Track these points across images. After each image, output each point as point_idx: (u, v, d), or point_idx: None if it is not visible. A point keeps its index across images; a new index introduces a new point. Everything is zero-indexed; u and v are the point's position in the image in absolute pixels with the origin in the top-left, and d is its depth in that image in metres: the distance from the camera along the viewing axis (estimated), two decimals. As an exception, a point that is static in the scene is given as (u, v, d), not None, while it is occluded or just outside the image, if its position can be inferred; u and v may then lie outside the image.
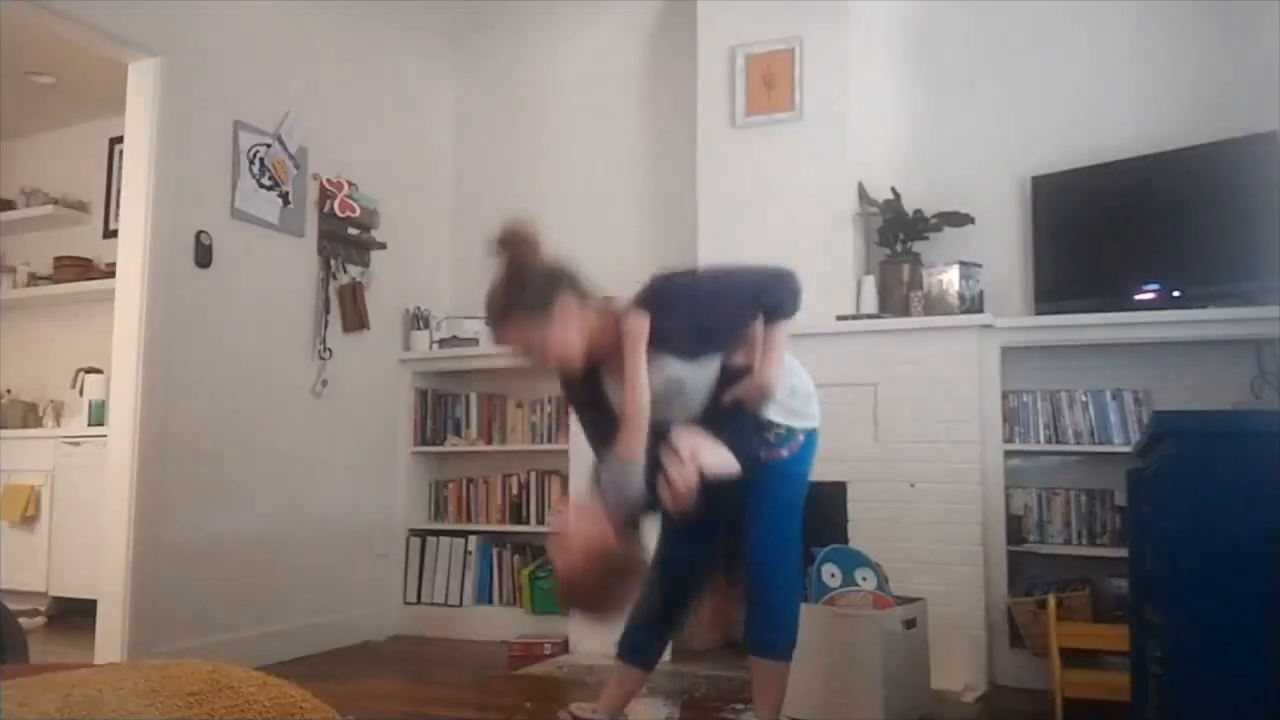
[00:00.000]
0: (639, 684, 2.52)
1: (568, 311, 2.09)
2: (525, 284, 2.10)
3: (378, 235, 4.41)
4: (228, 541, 3.64)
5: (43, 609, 4.73)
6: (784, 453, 2.33)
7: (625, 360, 2.09)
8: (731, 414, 2.20)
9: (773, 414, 2.31)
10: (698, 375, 2.17)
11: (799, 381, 2.39)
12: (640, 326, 2.09)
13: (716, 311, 2.17)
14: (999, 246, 3.75)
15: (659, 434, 2.08)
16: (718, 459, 2.06)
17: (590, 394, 2.25)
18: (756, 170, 3.91)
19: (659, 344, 2.10)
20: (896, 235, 3.76)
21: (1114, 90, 3.67)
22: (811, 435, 2.39)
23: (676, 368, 2.13)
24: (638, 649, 2.46)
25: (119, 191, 4.15)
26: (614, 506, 2.00)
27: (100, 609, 3.37)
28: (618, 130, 4.60)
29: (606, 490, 2.04)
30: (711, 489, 2.07)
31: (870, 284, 3.74)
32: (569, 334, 2.10)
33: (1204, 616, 1.63)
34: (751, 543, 2.31)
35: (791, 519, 2.35)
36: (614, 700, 2.44)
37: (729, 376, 2.20)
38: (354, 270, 4.30)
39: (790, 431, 2.34)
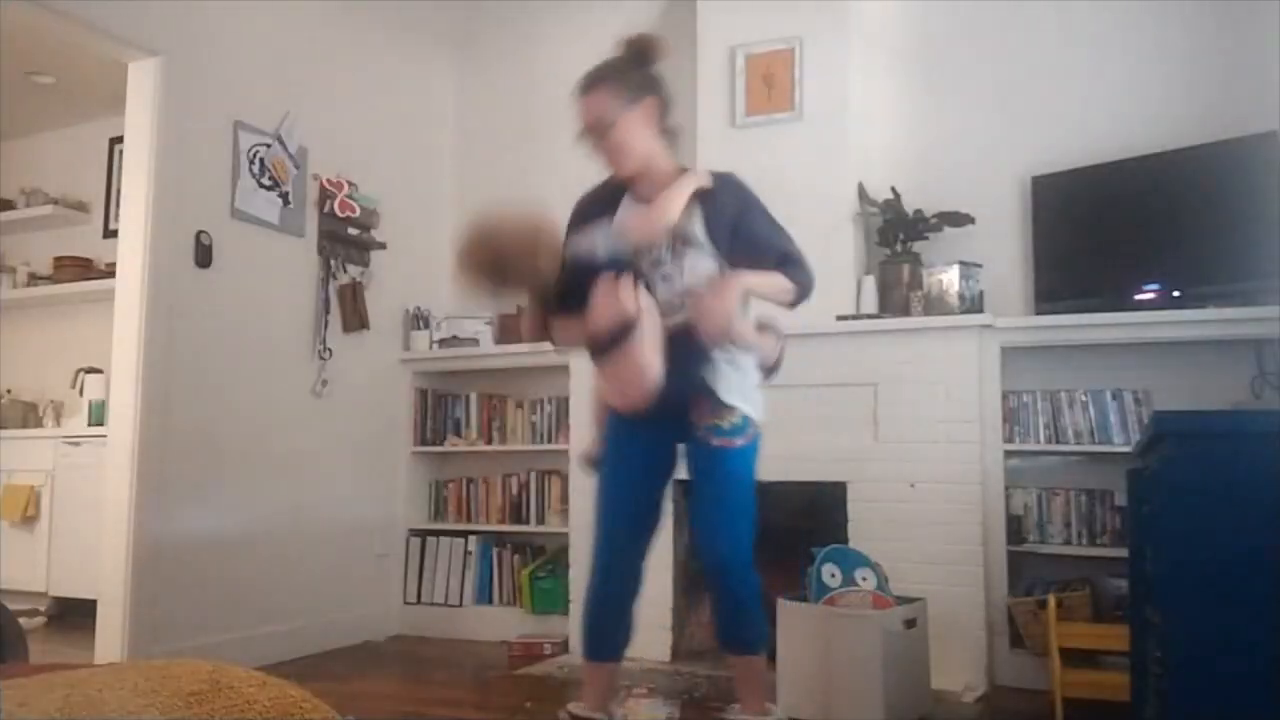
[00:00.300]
0: (614, 675, 2.50)
1: (650, 113, 2.18)
2: (629, 67, 2.23)
3: (378, 235, 4.41)
4: (228, 541, 3.64)
5: (43, 609, 4.73)
6: (739, 442, 2.25)
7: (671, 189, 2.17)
8: (685, 337, 2.17)
9: (733, 396, 2.23)
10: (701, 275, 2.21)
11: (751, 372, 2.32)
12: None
13: (763, 231, 2.25)
14: (999, 246, 3.75)
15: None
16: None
17: (599, 215, 2.32)
18: (756, 170, 3.86)
19: (707, 225, 2.21)
20: (896, 235, 3.76)
21: (1114, 90, 3.67)
22: (758, 434, 2.30)
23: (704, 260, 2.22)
24: (601, 647, 2.43)
25: (119, 191, 4.15)
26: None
27: (100, 609, 3.37)
28: (618, 130, 4.60)
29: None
30: (668, 398, 2.12)
31: (870, 284, 3.74)
32: (637, 132, 2.18)
33: (1204, 616, 1.63)
34: (713, 544, 2.28)
35: (746, 519, 2.30)
36: (598, 697, 2.42)
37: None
38: (354, 270, 4.30)
39: (746, 421, 2.26)
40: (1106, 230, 3.49)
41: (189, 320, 3.55)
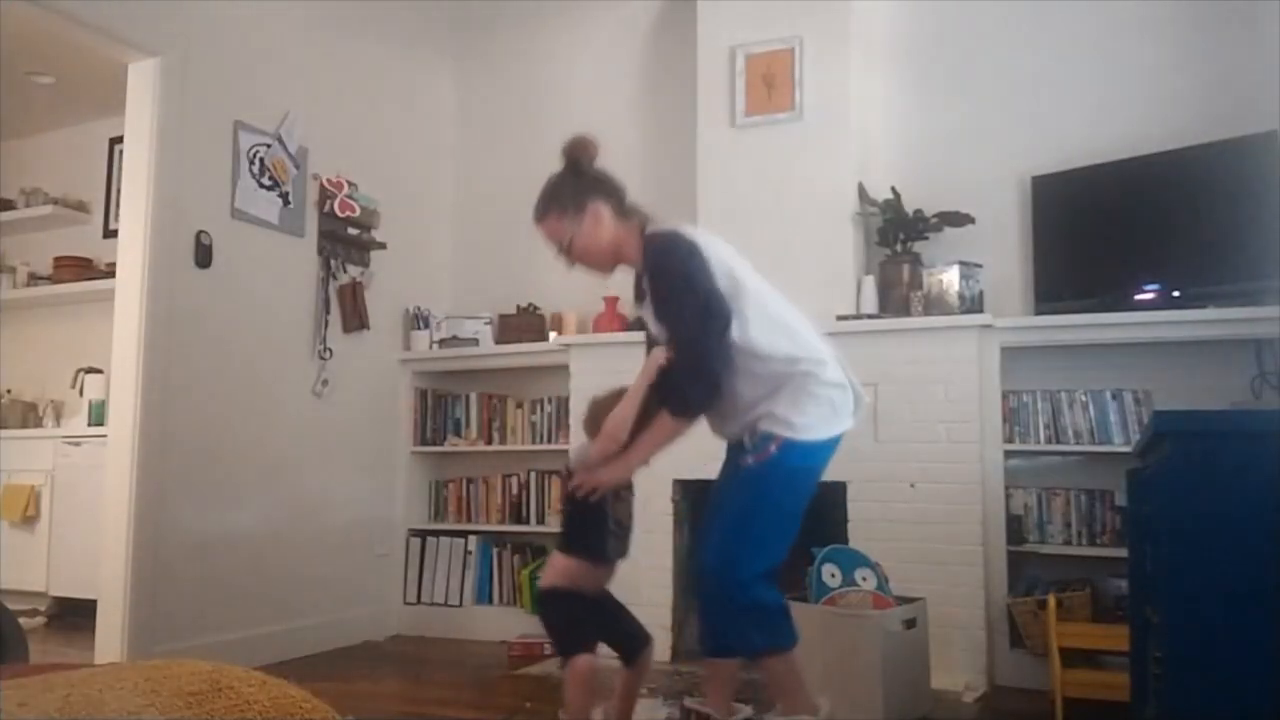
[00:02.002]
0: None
1: (598, 215, 2.28)
2: (565, 183, 2.33)
3: (378, 235, 4.41)
4: (228, 541, 3.64)
5: (43, 609, 4.73)
6: (749, 460, 2.19)
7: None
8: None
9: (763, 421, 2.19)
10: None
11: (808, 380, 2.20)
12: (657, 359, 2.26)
13: (659, 310, 2.24)
14: (999, 246, 3.75)
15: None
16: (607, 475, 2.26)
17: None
18: (756, 170, 3.90)
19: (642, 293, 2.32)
20: (896, 235, 3.76)
21: (1114, 90, 3.67)
22: (794, 445, 2.16)
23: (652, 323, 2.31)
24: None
25: (119, 191, 4.16)
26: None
27: (100, 609, 3.37)
28: (618, 130, 4.59)
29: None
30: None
31: (870, 284, 3.74)
32: (594, 238, 2.29)
33: (1204, 616, 1.63)
34: (700, 549, 2.30)
35: (744, 532, 2.18)
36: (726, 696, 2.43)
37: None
38: (354, 270, 4.30)
39: (766, 438, 2.17)
40: (1106, 230, 3.49)
41: (189, 320, 3.55)
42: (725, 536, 2.21)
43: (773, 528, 2.22)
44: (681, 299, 2.17)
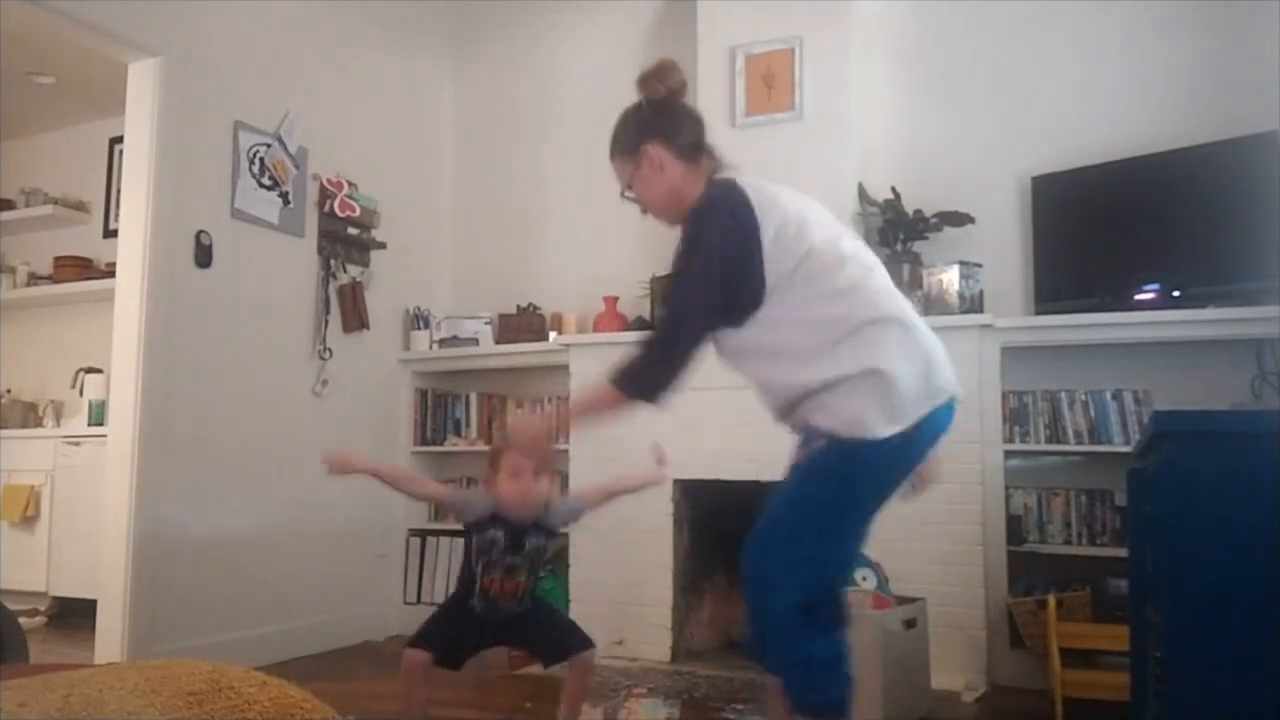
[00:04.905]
0: None
1: (655, 158, 2.05)
2: (628, 121, 2.11)
3: (378, 235, 4.41)
4: (228, 541, 3.64)
5: (43, 609, 4.73)
6: (800, 455, 1.90)
7: None
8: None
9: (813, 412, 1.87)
10: None
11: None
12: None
13: (673, 279, 2.02)
14: (999, 246, 3.75)
15: None
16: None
17: None
18: (756, 170, 3.82)
19: None
20: (896, 235, 3.76)
21: (1114, 90, 3.67)
22: (841, 446, 1.81)
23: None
24: None
25: (119, 191, 4.15)
26: None
27: (100, 609, 3.37)
28: (618, 130, 4.60)
29: None
30: None
31: (870, 284, 3.73)
32: (652, 184, 2.07)
33: (1204, 616, 1.63)
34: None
35: (777, 533, 1.88)
36: None
37: None
38: (354, 270, 4.30)
39: (808, 435, 1.87)
40: (1106, 230, 3.49)
41: (189, 320, 3.55)
42: (761, 535, 1.92)
43: (795, 527, 1.93)
44: (690, 276, 1.94)
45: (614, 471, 3.77)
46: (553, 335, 4.33)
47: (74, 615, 4.46)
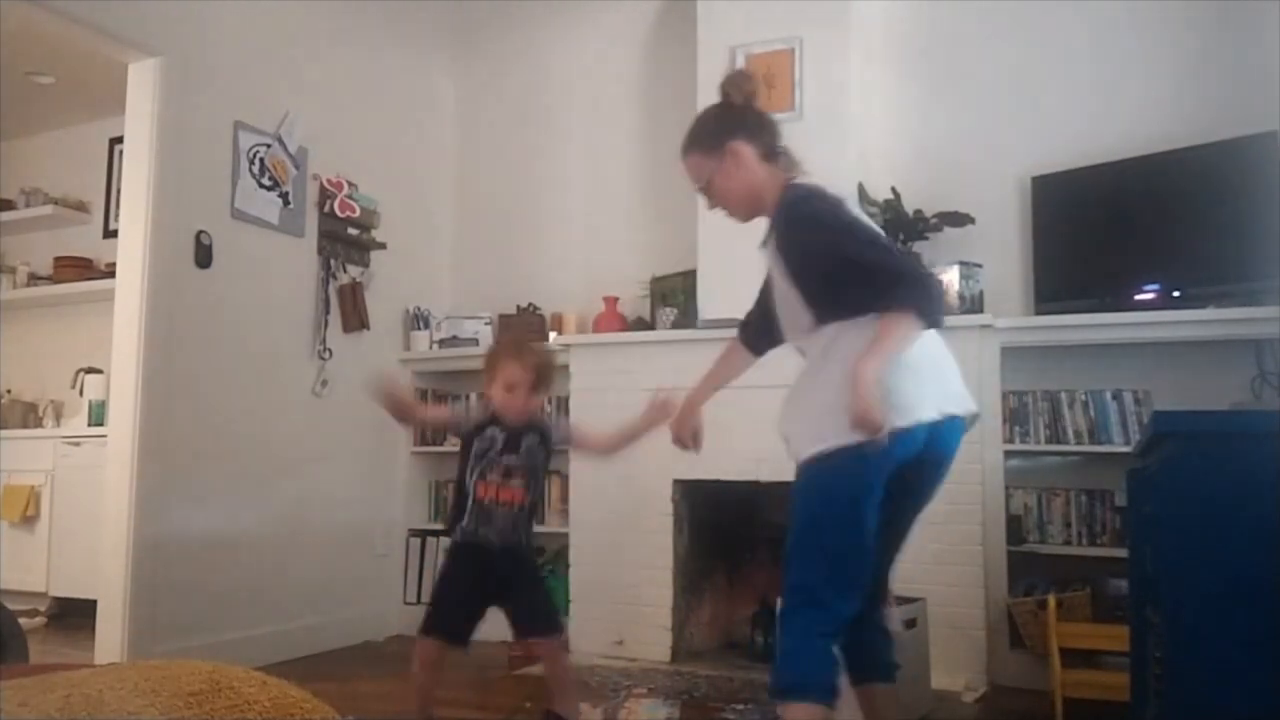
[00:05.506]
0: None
1: (738, 156, 2.10)
2: (710, 119, 2.18)
3: (378, 235, 4.41)
4: (228, 542, 3.64)
5: (43, 609, 4.73)
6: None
7: None
8: None
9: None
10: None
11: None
12: None
13: (831, 255, 1.95)
14: (999, 246, 3.75)
15: None
16: None
17: None
18: (756, 170, 3.89)
19: None
20: (896, 235, 3.75)
21: (1114, 90, 3.67)
22: (842, 453, 1.79)
23: None
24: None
25: (119, 191, 4.15)
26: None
27: (100, 609, 3.37)
28: (618, 130, 4.60)
29: None
30: None
31: (870, 284, 3.73)
32: (733, 181, 2.11)
33: (1204, 616, 1.63)
34: None
35: (797, 541, 1.89)
36: None
37: None
38: (354, 270, 4.30)
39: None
40: (1106, 230, 3.49)
41: (189, 320, 3.55)
42: (797, 551, 1.93)
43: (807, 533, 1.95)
44: (848, 237, 1.90)
45: (615, 469, 3.78)
46: (553, 335, 4.32)
47: (74, 615, 4.46)
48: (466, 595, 2.47)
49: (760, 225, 2.12)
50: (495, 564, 2.43)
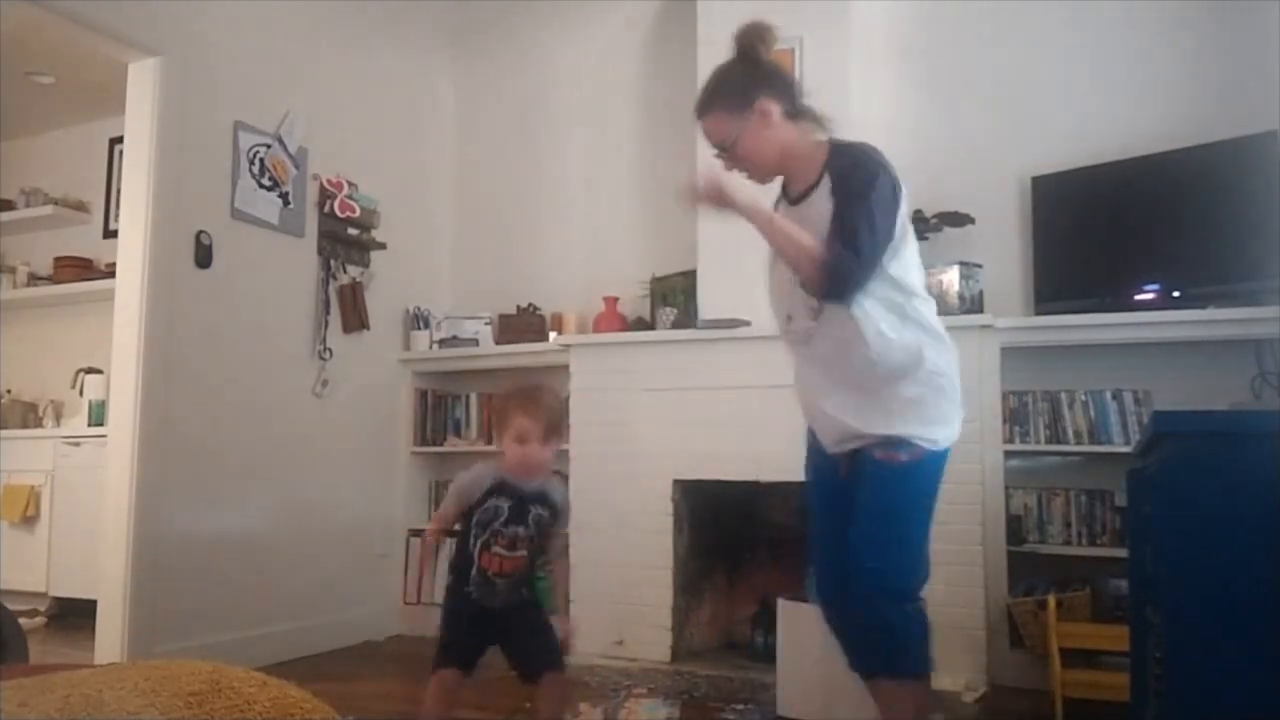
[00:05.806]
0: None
1: (767, 112, 2.04)
2: (734, 74, 2.09)
3: (378, 235, 4.41)
4: (228, 542, 3.64)
5: (43, 609, 4.73)
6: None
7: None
8: None
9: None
10: None
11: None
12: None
13: (854, 210, 2.00)
14: (999, 246, 3.75)
15: None
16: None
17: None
18: (756, 170, 3.89)
19: None
20: (896, 235, 3.75)
21: (1113, 90, 3.67)
22: (932, 457, 2.10)
23: None
24: None
25: (119, 191, 4.15)
26: None
27: (100, 609, 3.37)
28: (618, 130, 4.60)
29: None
30: None
31: (870, 284, 3.73)
32: (760, 139, 2.06)
33: (1204, 616, 1.63)
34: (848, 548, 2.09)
35: (886, 530, 2.10)
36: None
37: None
38: (354, 270, 4.30)
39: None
40: (1106, 230, 3.49)
41: (189, 320, 3.55)
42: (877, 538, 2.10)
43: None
44: (874, 209, 1.95)
45: (615, 469, 3.78)
46: (553, 335, 4.32)
47: (74, 615, 4.46)
48: (475, 636, 2.46)
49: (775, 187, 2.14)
50: (496, 617, 2.43)
